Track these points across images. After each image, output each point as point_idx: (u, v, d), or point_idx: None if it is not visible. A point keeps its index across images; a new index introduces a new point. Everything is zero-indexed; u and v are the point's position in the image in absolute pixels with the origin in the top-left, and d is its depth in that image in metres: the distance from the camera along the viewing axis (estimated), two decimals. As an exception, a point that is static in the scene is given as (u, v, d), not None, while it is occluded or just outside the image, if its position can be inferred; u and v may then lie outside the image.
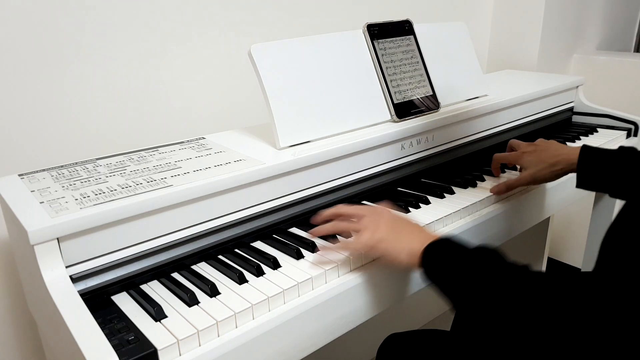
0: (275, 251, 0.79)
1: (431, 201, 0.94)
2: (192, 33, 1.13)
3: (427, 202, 0.93)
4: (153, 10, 1.06)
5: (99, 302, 0.66)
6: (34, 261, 0.62)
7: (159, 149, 0.89)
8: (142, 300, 0.66)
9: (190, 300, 0.65)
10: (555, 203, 1.11)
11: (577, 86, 1.45)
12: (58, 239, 0.62)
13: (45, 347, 0.90)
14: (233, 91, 1.23)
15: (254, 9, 1.22)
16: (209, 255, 0.77)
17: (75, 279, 0.64)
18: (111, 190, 0.71)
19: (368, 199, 0.97)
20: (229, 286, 0.69)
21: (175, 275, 0.73)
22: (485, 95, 1.22)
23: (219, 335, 0.62)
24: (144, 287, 0.70)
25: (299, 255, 0.76)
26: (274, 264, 0.73)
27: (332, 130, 0.93)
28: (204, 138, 0.95)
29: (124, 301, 0.67)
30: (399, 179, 1.02)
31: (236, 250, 0.80)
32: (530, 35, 1.74)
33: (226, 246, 0.79)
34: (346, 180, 0.92)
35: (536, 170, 0.92)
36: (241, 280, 0.69)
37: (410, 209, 0.91)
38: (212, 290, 0.67)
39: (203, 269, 0.75)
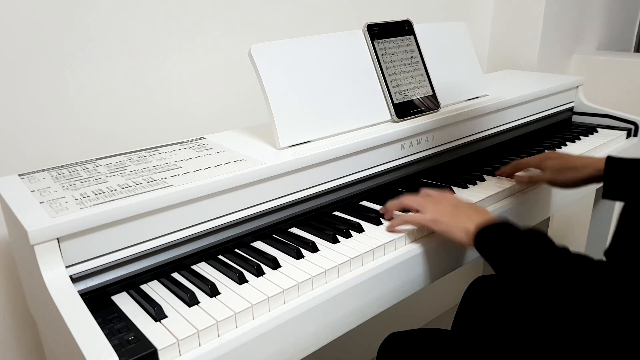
0: (275, 251, 0.79)
1: (431, 201, 0.94)
2: (192, 33, 1.13)
3: (427, 202, 0.93)
4: (153, 11, 1.06)
5: (99, 302, 0.66)
6: (34, 261, 0.62)
7: (159, 149, 0.89)
8: (142, 300, 0.66)
9: (190, 300, 0.65)
10: (555, 203, 1.11)
11: (577, 86, 1.45)
12: (58, 239, 0.62)
13: (45, 347, 0.90)
14: (233, 91, 1.23)
15: (254, 9, 1.22)
16: (209, 255, 0.77)
17: (75, 279, 0.64)
18: (111, 190, 0.71)
19: (368, 199, 0.97)
20: (229, 286, 0.69)
21: (175, 275, 0.73)
22: (485, 95, 1.22)
23: (219, 335, 0.62)
24: (144, 287, 0.70)
25: (299, 255, 0.76)
26: (274, 264, 0.73)
27: (332, 130, 0.93)
28: (204, 138, 0.95)
29: (124, 301, 0.67)
30: (399, 179, 1.02)
31: (236, 250, 0.80)
32: (530, 35, 1.74)
33: (226, 246, 0.79)
34: (346, 180, 0.92)
35: (559, 174, 0.94)
36: (241, 280, 0.69)
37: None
38: (212, 290, 0.67)
39: (203, 269, 0.75)
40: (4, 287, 0.99)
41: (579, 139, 1.30)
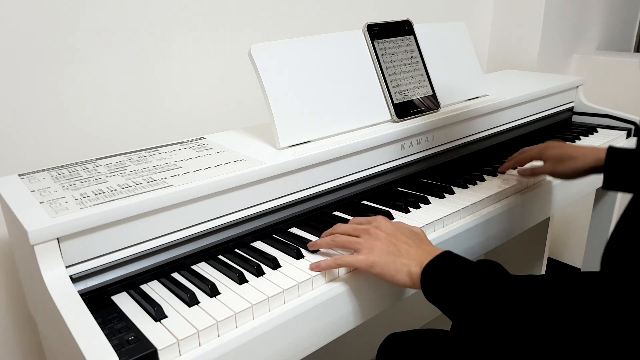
0: (275, 251, 0.79)
1: (431, 201, 0.94)
2: (192, 33, 1.13)
3: (427, 202, 0.93)
4: (153, 11, 1.07)
5: (99, 302, 0.66)
6: (34, 261, 0.62)
7: (159, 149, 0.89)
8: (142, 300, 0.66)
9: (190, 300, 0.65)
10: (555, 203, 1.11)
11: (577, 86, 1.45)
12: (58, 239, 0.62)
13: (45, 347, 0.90)
14: (233, 91, 1.23)
15: (254, 9, 1.22)
16: (209, 255, 0.77)
17: (75, 279, 0.64)
18: (111, 190, 0.71)
19: (368, 199, 0.97)
20: (229, 286, 0.69)
21: (175, 275, 0.73)
22: (485, 95, 1.22)
23: (219, 335, 0.62)
24: (144, 287, 0.70)
25: (299, 255, 0.76)
26: (274, 264, 0.73)
27: (332, 130, 0.93)
28: (204, 138, 0.95)
29: (124, 301, 0.67)
30: (399, 179, 1.02)
31: (236, 250, 0.80)
32: (530, 35, 1.74)
33: (226, 246, 0.79)
34: (346, 180, 0.92)
35: (559, 164, 0.93)
36: (241, 280, 0.69)
37: (410, 209, 0.91)
38: (212, 290, 0.67)
39: (203, 269, 0.75)
40: (4, 287, 0.99)
41: (579, 139, 1.30)
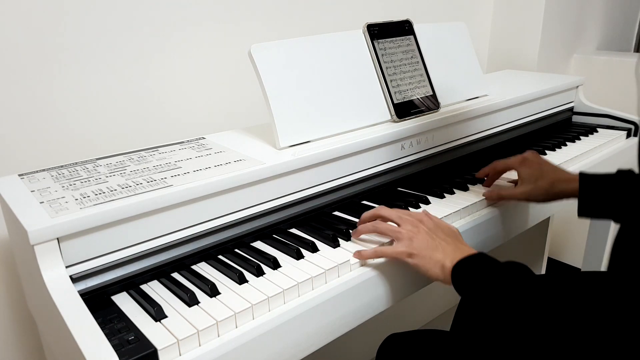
0: (275, 251, 0.79)
1: (431, 201, 0.94)
2: (192, 33, 1.13)
3: (427, 202, 0.93)
4: (153, 11, 1.06)
5: (99, 302, 0.66)
6: (34, 261, 0.62)
7: (159, 149, 0.89)
8: (142, 300, 0.66)
9: (190, 300, 0.65)
10: (555, 203, 1.10)
11: (577, 86, 1.45)
12: (58, 239, 0.62)
13: (45, 347, 0.90)
14: (233, 91, 1.23)
15: (254, 9, 1.22)
16: (209, 255, 0.77)
17: (75, 279, 0.64)
18: (111, 190, 0.71)
19: (368, 199, 0.97)
20: (229, 286, 0.69)
21: (175, 275, 0.73)
22: (485, 95, 1.22)
23: (219, 335, 0.62)
24: (144, 287, 0.70)
25: (299, 255, 0.76)
26: (274, 264, 0.73)
27: (332, 130, 0.93)
28: (204, 138, 0.95)
29: (124, 301, 0.67)
30: (399, 179, 1.02)
31: (236, 250, 0.80)
32: (530, 35, 1.74)
33: (226, 246, 0.79)
34: (346, 180, 0.92)
35: (534, 187, 0.89)
36: (241, 280, 0.69)
37: (410, 209, 0.91)
38: (212, 290, 0.67)
39: (203, 269, 0.75)
40: (4, 287, 0.99)
41: (579, 139, 1.30)
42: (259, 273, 0.71)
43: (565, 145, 1.26)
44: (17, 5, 0.91)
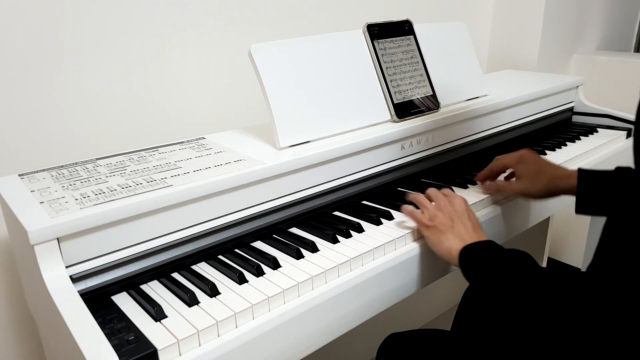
0: (275, 251, 0.79)
1: (431, 201, 0.94)
2: (193, 33, 1.13)
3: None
4: (153, 11, 1.07)
5: (99, 302, 0.66)
6: (34, 261, 0.62)
7: (159, 149, 0.89)
8: (142, 300, 0.66)
9: (190, 300, 0.65)
10: (555, 203, 1.11)
11: (577, 86, 1.45)
12: (58, 239, 0.62)
13: (45, 347, 0.90)
14: (233, 91, 1.23)
15: (254, 9, 1.22)
16: (209, 255, 0.77)
17: (75, 279, 0.64)
18: (111, 190, 0.71)
19: (368, 199, 0.97)
20: (229, 286, 0.69)
21: (175, 275, 0.73)
22: (485, 95, 1.22)
23: (219, 335, 0.62)
24: (144, 287, 0.70)
25: (299, 255, 0.76)
26: (274, 264, 0.73)
27: (332, 130, 0.93)
28: (204, 138, 0.95)
29: (124, 301, 0.67)
30: (399, 179, 1.02)
31: (236, 250, 0.80)
32: (530, 35, 1.74)
33: (226, 246, 0.79)
34: (346, 180, 0.92)
35: (532, 183, 0.89)
36: (241, 280, 0.69)
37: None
38: (212, 290, 0.67)
39: (203, 269, 0.75)
40: (4, 287, 0.99)
41: (579, 139, 1.30)
42: (259, 273, 0.71)
43: (565, 145, 1.26)
44: (17, 5, 0.91)
